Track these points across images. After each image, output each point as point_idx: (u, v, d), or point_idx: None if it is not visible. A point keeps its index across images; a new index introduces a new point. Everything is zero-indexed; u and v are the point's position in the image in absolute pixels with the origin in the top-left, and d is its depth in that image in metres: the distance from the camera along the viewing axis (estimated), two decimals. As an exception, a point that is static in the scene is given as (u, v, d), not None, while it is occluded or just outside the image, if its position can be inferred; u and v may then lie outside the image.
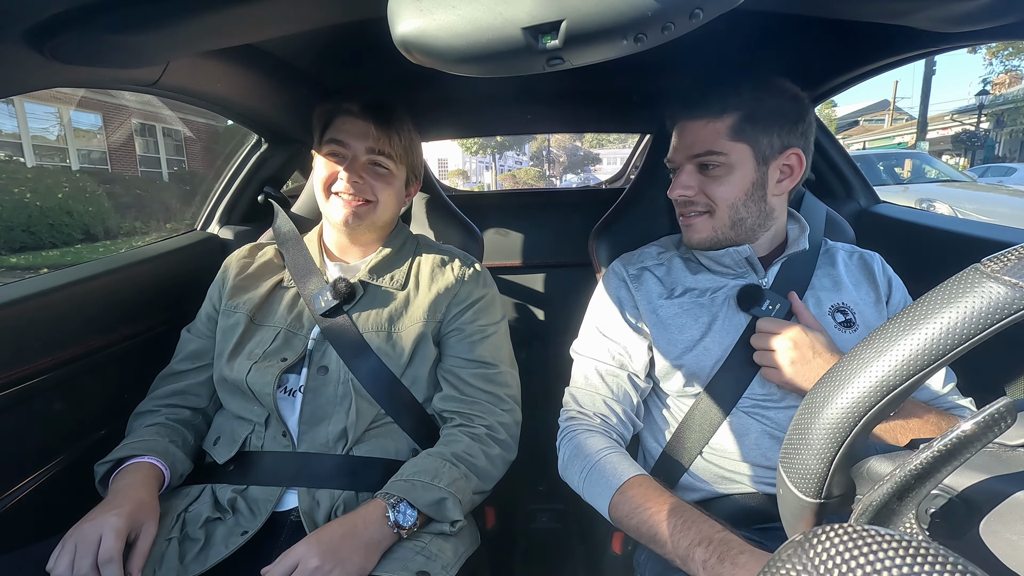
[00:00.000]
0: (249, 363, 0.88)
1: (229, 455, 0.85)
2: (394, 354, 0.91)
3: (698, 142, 0.84)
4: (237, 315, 0.94)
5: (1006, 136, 21.51)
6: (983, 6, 0.64)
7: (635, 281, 0.93)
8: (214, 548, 0.75)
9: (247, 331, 0.93)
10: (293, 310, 0.95)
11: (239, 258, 1.02)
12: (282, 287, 0.98)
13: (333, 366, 0.89)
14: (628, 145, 14.81)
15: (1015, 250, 0.32)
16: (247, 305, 0.94)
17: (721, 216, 0.85)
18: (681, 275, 0.93)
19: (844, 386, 0.37)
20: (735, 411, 0.82)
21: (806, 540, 0.29)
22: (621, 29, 0.44)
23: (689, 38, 0.47)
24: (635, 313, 0.91)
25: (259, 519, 0.79)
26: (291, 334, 0.92)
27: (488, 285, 1.02)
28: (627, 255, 1.01)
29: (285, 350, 0.90)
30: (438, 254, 1.03)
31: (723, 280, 0.89)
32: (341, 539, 0.71)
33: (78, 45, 0.62)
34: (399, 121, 0.96)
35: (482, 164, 36.26)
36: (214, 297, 0.99)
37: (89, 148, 13.43)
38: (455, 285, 0.97)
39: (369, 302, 0.95)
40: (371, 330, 0.92)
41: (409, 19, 0.47)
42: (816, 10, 0.81)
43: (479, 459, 0.87)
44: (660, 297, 0.90)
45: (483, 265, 1.06)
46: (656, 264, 0.96)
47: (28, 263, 7.93)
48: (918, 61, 1.07)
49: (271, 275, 1.00)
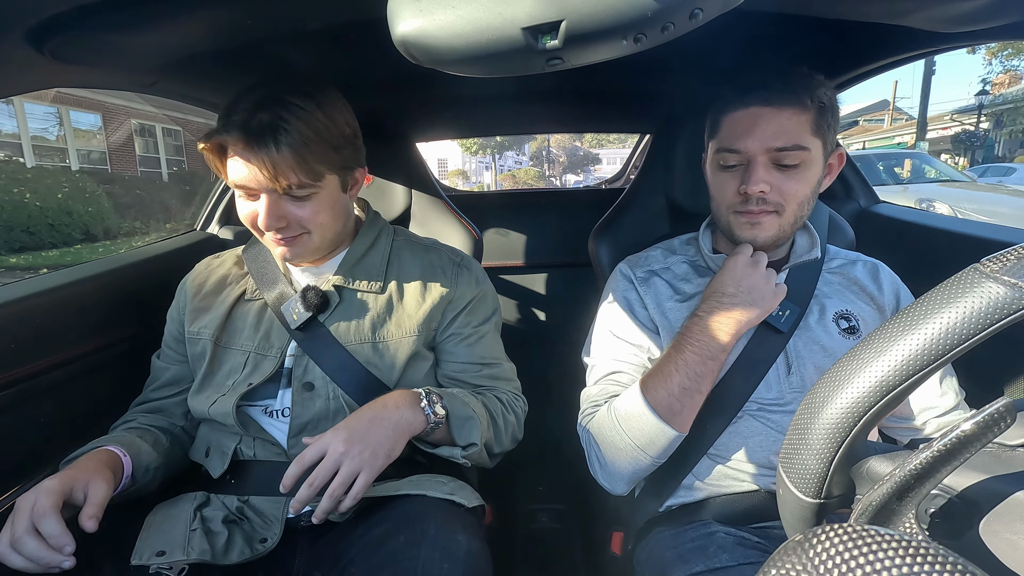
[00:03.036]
0: (217, 395, 0.82)
1: (222, 468, 0.82)
2: (384, 365, 0.84)
3: (783, 134, 0.77)
4: (201, 342, 0.86)
5: (1006, 136, 21.51)
6: (983, 6, 0.64)
7: (643, 284, 0.92)
8: (239, 546, 0.73)
9: (215, 357, 0.85)
10: (260, 326, 0.86)
11: (194, 276, 0.93)
12: (245, 300, 0.89)
13: (319, 382, 0.83)
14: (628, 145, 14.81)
15: (1015, 250, 0.32)
16: (210, 328, 0.86)
17: (788, 215, 0.81)
18: (688, 278, 0.91)
19: (844, 386, 0.37)
20: (742, 414, 0.82)
21: (806, 540, 0.29)
22: (621, 29, 0.44)
23: (688, 39, 0.48)
24: (644, 313, 0.90)
25: (274, 528, 0.76)
26: (260, 356, 0.84)
27: (481, 281, 0.95)
28: (632, 257, 0.99)
29: (253, 375, 0.83)
30: (423, 253, 0.93)
31: None
32: (369, 423, 0.71)
33: (78, 45, 0.62)
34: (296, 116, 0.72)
35: (482, 164, 36.26)
36: (175, 321, 0.91)
37: (89, 148, 13.42)
38: (449, 291, 0.90)
39: (347, 310, 0.86)
40: (354, 341, 0.84)
41: (409, 19, 0.47)
42: (816, 10, 0.81)
43: (499, 417, 0.86)
44: (669, 299, 0.89)
45: (470, 258, 0.98)
46: (663, 267, 0.94)
47: (28, 263, 7.93)
48: (918, 61, 1.07)
49: (231, 287, 0.90)
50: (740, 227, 0.84)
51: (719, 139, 0.83)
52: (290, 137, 0.71)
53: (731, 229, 0.86)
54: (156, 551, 0.68)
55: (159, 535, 0.71)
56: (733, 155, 0.81)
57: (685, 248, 0.97)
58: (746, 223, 0.83)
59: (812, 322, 0.84)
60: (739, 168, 0.82)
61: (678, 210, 1.13)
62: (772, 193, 0.80)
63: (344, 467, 0.67)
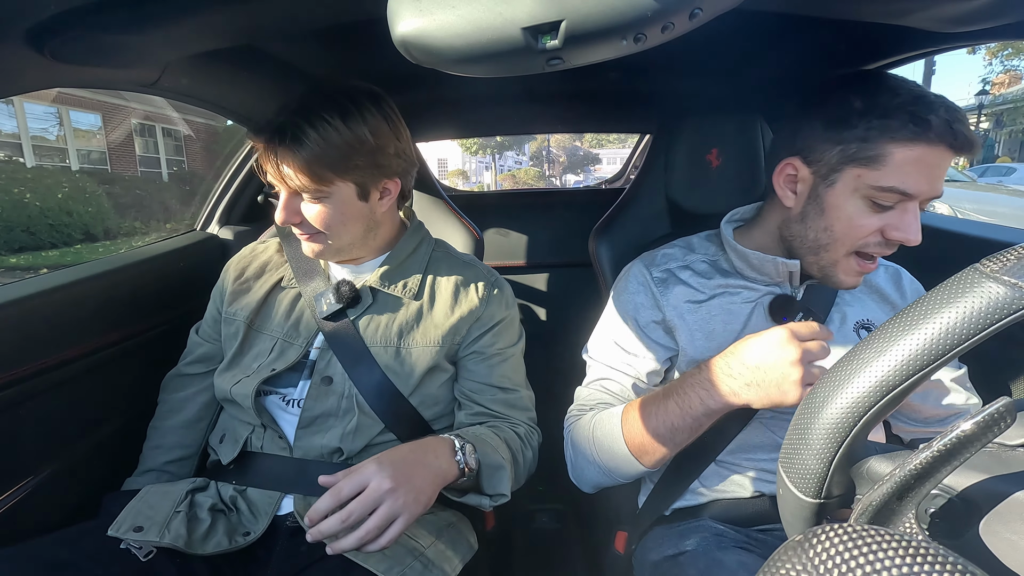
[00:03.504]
0: (242, 375, 0.85)
1: (232, 455, 0.84)
2: (403, 372, 0.85)
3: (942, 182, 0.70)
4: (236, 323, 0.90)
5: (1005, 136, 21.50)
6: (983, 6, 0.64)
7: (661, 285, 0.87)
8: (217, 537, 0.74)
9: (246, 339, 0.89)
10: (291, 315, 0.89)
11: (238, 259, 0.98)
12: (281, 287, 0.92)
13: (338, 378, 0.84)
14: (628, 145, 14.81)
15: (1015, 250, 0.32)
16: (245, 311, 0.90)
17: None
18: (709, 279, 0.86)
19: (844, 386, 0.37)
20: (754, 421, 0.80)
21: (806, 540, 0.29)
22: (621, 29, 0.44)
23: (688, 39, 0.47)
24: (656, 319, 0.86)
25: (260, 522, 0.78)
26: (287, 344, 0.87)
27: (511, 306, 0.95)
28: (649, 255, 0.93)
29: (277, 361, 0.86)
30: (460, 268, 0.94)
31: (754, 287, 0.84)
32: (413, 466, 0.68)
33: (78, 45, 0.62)
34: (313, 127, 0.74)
35: (482, 164, 36.26)
36: (217, 301, 0.96)
37: (89, 148, 13.42)
38: (479, 308, 0.90)
39: (378, 311, 0.87)
40: (379, 344, 0.85)
41: (409, 19, 0.47)
42: (816, 10, 0.80)
43: (519, 455, 0.86)
44: (688, 302, 0.85)
45: (505, 281, 0.98)
46: (681, 266, 0.88)
47: (28, 263, 7.93)
48: (918, 61, 1.07)
49: (270, 274, 0.94)
50: (848, 272, 0.76)
51: (883, 172, 0.68)
52: (299, 144, 0.75)
53: (832, 270, 0.76)
54: (135, 525, 0.70)
55: (145, 509, 0.73)
56: (895, 195, 0.68)
57: (705, 245, 0.92)
58: (858, 272, 0.75)
59: (833, 331, 0.81)
60: (892, 210, 0.70)
61: (678, 210, 1.13)
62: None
63: (385, 506, 0.63)
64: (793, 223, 0.78)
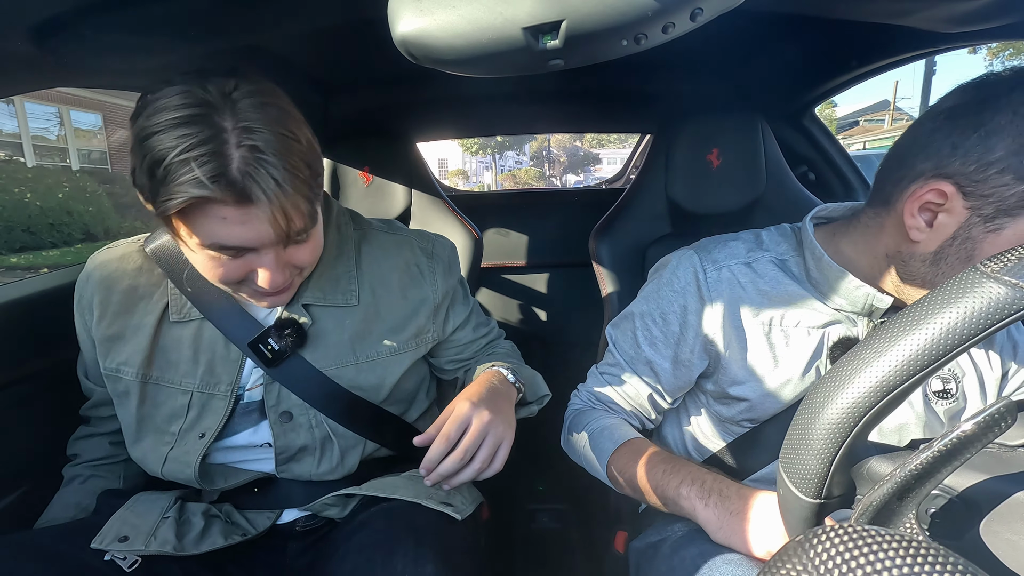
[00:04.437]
0: (164, 448, 0.71)
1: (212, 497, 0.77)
2: (370, 385, 0.76)
3: None
4: (124, 381, 0.71)
5: (1006, 136, 21.47)
6: (983, 6, 0.64)
7: (713, 288, 0.73)
8: (211, 537, 0.70)
9: (145, 398, 0.71)
10: (200, 356, 0.71)
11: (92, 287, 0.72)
12: (173, 322, 0.71)
13: (296, 410, 0.73)
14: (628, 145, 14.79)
15: (1015, 250, 0.32)
16: (131, 365, 0.70)
17: None
18: (775, 290, 0.72)
19: (844, 386, 0.37)
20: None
21: (806, 540, 0.29)
22: (621, 29, 0.44)
23: (689, 38, 0.47)
24: (696, 329, 0.74)
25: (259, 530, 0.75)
26: (207, 396, 0.71)
27: (454, 267, 0.86)
28: (707, 245, 0.77)
29: (202, 420, 0.71)
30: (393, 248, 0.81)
31: (824, 313, 0.69)
32: (494, 397, 0.70)
33: (78, 45, 0.62)
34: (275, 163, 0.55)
35: (482, 164, 36.25)
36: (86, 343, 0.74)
37: (89, 148, 13.42)
38: (432, 293, 0.81)
39: (321, 332, 0.74)
40: (334, 365, 0.74)
41: (409, 19, 0.47)
42: (816, 10, 0.81)
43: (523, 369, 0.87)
44: (740, 315, 0.72)
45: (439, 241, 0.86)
46: (742, 264, 0.74)
47: (28, 263, 7.92)
48: (918, 61, 1.07)
49: (146, 302, 0.72)
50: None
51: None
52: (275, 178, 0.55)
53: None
54: (120, 535, 0.66)
55: (132, 518, 0.70)
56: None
57: (776, 241, 0.75)
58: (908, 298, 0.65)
59: None
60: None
61: (678, 210, 1.13)
62: None
63: (491, 436, 0.64)
64: (917, 260, 0.60)
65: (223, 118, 0.54)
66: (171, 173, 0.52)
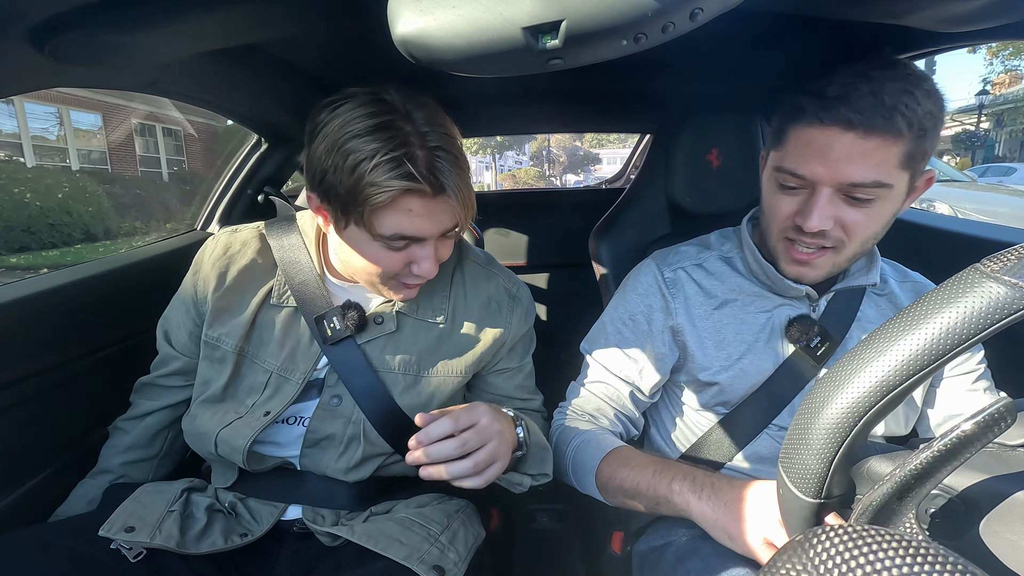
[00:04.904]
0: (233, 415, 0.76)
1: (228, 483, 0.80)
2: (418, 402, 0.79)
3: (863, 168, 0.62)
4: (222, 350, 0.78)
5: (1006, 136, 21.50)
6: (983, 6, 0.64)
7: (671, 286, 0.82)
8: (212, 536, 0.72)
9: (237, 369, 0.78)
10: (286, 341, 0.79)
11: (212, 262, 0.81)
12: (271, 304, 0.79)
13: (347, 400, 0.78)
14: (628, 145, 14.80)
15: (1015, 250, 0.32)
16: (233, 336, 0.77)
17: (848, 251, 0.70)
18: (722, 282, 0.81)
19: (844, 386, 0.36)
20: (762, 434, 0.79)
21: (806, 540, 0.29)
22: (621, 29, 0.44)
23: (688, 38, 0.47)
24: (663, 323, 0.81)
25: (262, 526, 0.76)
26: (282, 380, 0.77)
27: (530, 316, 0.90)
28: (662, 253, 0.88)
29: (271, 400, 0.77)
30: (481, 279, 0.86)
31: (772, 299, 0.79)
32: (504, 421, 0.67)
33: (78, 45, 0.62)
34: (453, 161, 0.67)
35: (482, 164, 36.25)
36: (192, 312, 0.81)
37: (89, 148, 13.42)
38: (504, 333, 0.84)
39: (401, 337, 0.80)
40: (397, 371, 0.79)
41: (409, 19, 0.47)
42: (816, 10, 0.80)
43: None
44: (698, 307, 0.80)
45: (524, 288, 0.91)
46: (694, 265, 0.83)
47: (28, 263, 7.92)
48: (918, 61, 1.07)
49: (255, 284, 0.80)
50: (786, 261, 0.74)
51: (782, 154, 0.69)
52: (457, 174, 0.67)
53: (776, 256, 0.76)
54: (127, 525, 0.68)
55: (139, 508, 0.72)
56: (795, 179, 0.67)
57: (721, 242, 0.86)
58: (797, 261, 0.73)
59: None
60: (799, 192, 0.69)
61: (678, 210, 1.13)
62: (834, 228, 0.67)
63: (492, 444, 0.61)
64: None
65: (406, 123, 0.64)
66: (378, 170, 0.61)
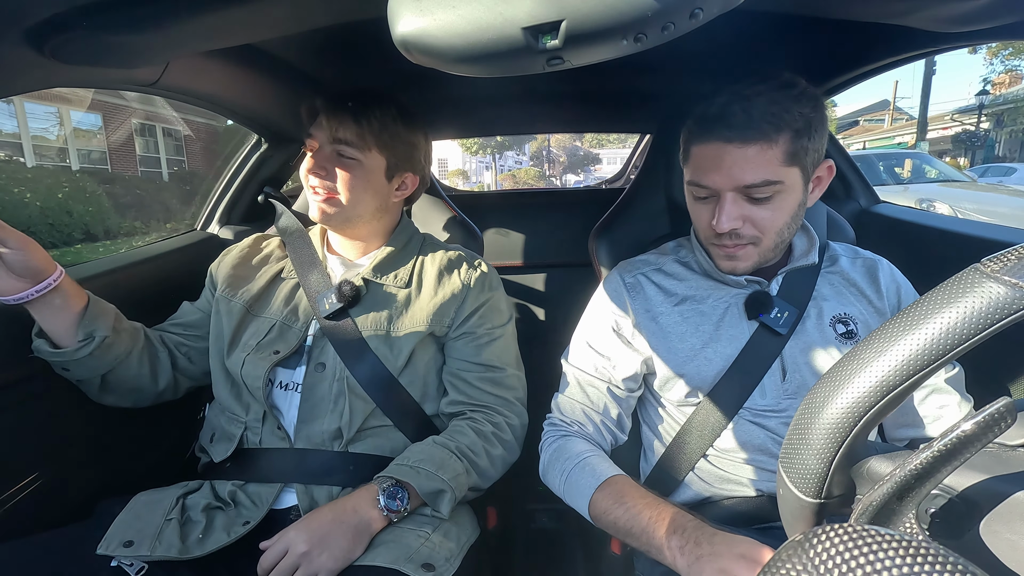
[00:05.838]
0: (243, 355, 0.88)
1: (227, 453, 0.86)
2: (391, 355, 0.90)
3: (749, 171, 0.73)
4: (233, 304, 0.94)
5: (1006, 136, 21.50)
6: (983, 6, 0.64)
7: (633, 290, 0.89)
8: (215, 534, 0.75)
9: (243, 321, 0.93)
10: (290, 303, 0.94)
11: (241, 247, 1.03)
12: (280, 279, 0.98)
13: (330, 363, 0.88)
14: (628, 145, 14.81)
15: (1015, 250, 0.32)
16: (245, 295, 0.94)
17: (767, 242, 0.79)
18: (681, 281, 0.89)
19: (844, 386, 0.36)
20: (737, 419, 0.81)
21: (806, 540, 0.29)
22: (621, 29, 0.44)
23: (688, 38, 0.47)
24: (628, 323, 0.88)
25: (261, 510, 0.80)
26: (286, 327, 0.92)
27: (495, 287, 1.00)
28: (625, 262, 0.97)
29: (278, 342, 0.90)
30: (444, 253, 1.00)
31: (725, 288, 0.86)
32: (330, 524, 0.74)
33: (78, 45, 0.62)
34: (374, 107, 0.89)
35: (482, 164, 36.26)
36: (210, 282, 1.01)
37: (89, 148, 13.42)
38: (462, 291, 0.95)
39: (371, 301, 0.93)
40: (371, 329, 0.91)
41: (409, 19, 0.47)
42: (816, 10, 0.81)
43: (481, 457, 0.87)
44: (660, 305, 0.87)
45: (490, 265, 1.03)
46: (653, 270, 0.91)
47: (28, 263, 7.92)
48: (918, 61, 1.07)
49: (271, 265, 1.00)
50: (719, 258, 0.84)
51: (689, 169, 0.81)
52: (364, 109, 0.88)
53: (712, 258, 0.85)
54: (125, 540, 0.70)
55: (135, 521, 0.73)
56: (702, 189, 0.78)
57: (676, 249, 0.95)
58: (726, 256, 0.82)
59: (809, 326, 0.82)
60: (710, 200, 0.78)
61: (678, 210, 1.13)
62: (745, 227, 0.77)
63: (302, 569, 0.70)
64: None
65: None
66: None
